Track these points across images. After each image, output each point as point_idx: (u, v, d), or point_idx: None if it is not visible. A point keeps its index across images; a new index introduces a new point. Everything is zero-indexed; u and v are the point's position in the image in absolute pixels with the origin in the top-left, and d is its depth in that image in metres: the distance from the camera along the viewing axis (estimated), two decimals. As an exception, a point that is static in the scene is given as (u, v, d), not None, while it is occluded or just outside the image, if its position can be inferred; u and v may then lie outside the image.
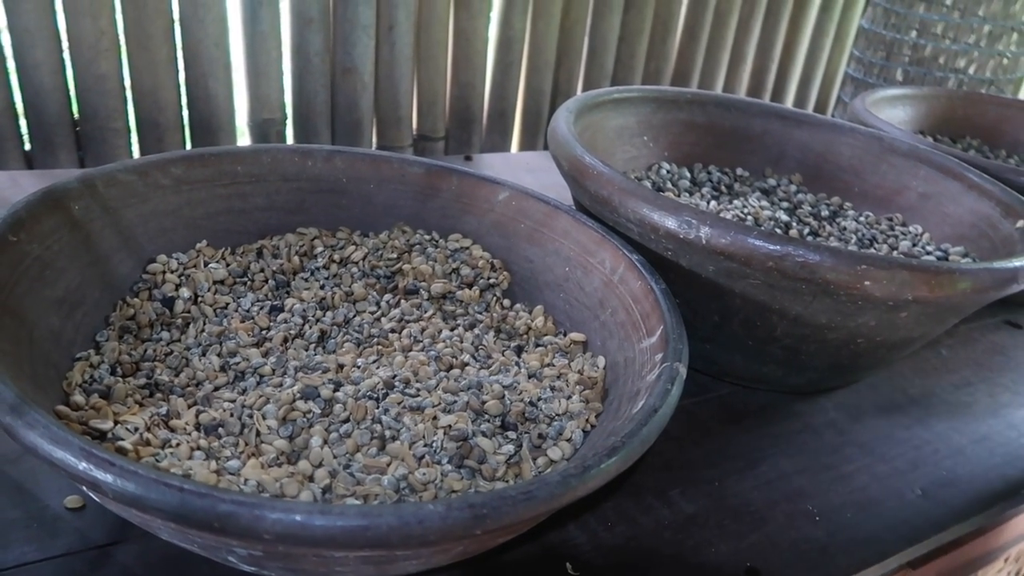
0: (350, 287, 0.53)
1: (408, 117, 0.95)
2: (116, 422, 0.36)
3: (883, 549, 0.45)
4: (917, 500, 0.49)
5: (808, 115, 0.75)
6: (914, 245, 0.64)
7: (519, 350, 0.49)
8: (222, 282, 0.50)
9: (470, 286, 0.54)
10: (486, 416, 0.41)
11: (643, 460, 0.49)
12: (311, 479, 0.36)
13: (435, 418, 0.40)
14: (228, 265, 0.52)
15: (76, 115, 0.80)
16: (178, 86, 0.83)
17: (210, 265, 0.51)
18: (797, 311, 0.48)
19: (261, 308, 0.49)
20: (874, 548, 0.45)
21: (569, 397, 0.44)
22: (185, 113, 0.85)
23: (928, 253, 0.63)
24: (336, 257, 0.55)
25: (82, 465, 0.27)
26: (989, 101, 0.93)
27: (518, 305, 0.54)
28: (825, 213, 0.70)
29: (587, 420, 0.42)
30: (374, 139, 0.95)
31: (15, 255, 0.39)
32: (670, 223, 0.47)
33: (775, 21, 1.21)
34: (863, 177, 0.71)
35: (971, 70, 1.03)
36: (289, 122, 0.91)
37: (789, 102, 1.32)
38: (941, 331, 0.54)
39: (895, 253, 0.63)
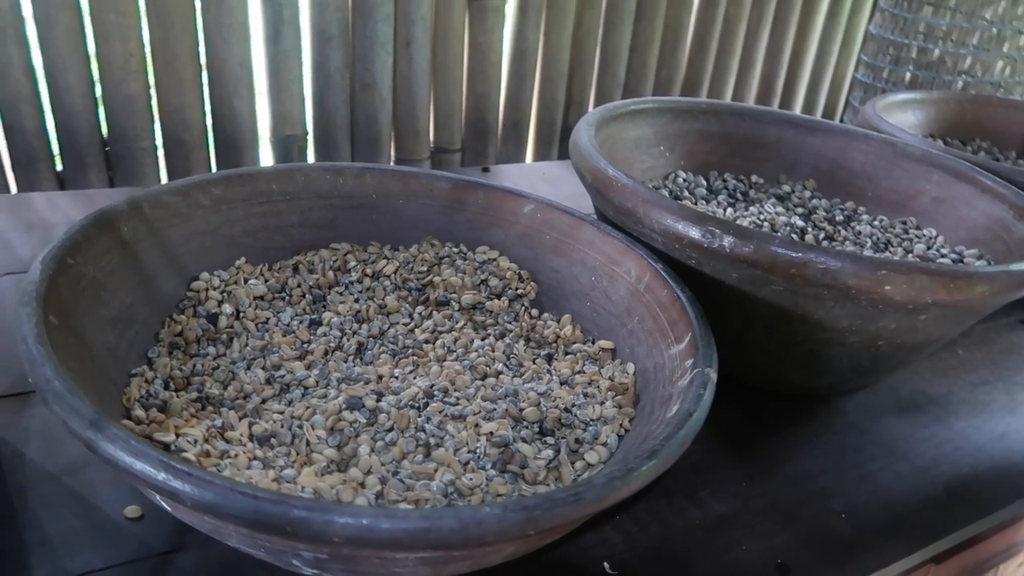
0: (383, 300, 0.55)
1: (425, 130, 0.97)
2: (177, 435, 0.38)
3: (909, 545, 0.47)
4: (940, 497, 0.51)
5: (821, 122, 0.76)
6: (929, 248, 0.66)
7: (549, 358, 0.51)
8: (262, 298, 0.52)
9: (499, 296, 0.56)
10: (525, 423, 0.43)
11: (673, 463, 0.51)
12: (363, 486, 0.37)
13: (477, 425, 0.41)
14: (267, 281, 0.54)
15: (105, 135, 0.82)
16: (203, 104, 0.85)
17: (250, 281, 0.53)
18: (819, 316, 0.50)
19: (300, 322, 0.51)
20: (900, 544, 0.46)
21: (602, 403, 0.45)
22: (210, 131, 0.87)
23: (943, 256, 0.64)
24: (368, 271, 0.56)
25: (161, 475, 0.29)
26: (998, 104, 0.94)
27: (546, 314, 0.55)
28: (840, 218, 0.71)
29: (621, 425, 0.44)
30: (392, 152, 0.97)
31: (74, 277, 0.41)
32: (694, 233, 0.49)
33: (783, 28, 1.23)
34: (876, 182, 0.73)
35: (979, 73, 1.05)
36: (310, 137, 0.93)
37: (798, 107, 1.33)
38: (959, 332, 0.56)
39: (910, 256, 0.65)
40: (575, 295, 0.55)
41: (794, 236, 0.66)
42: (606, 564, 0.42)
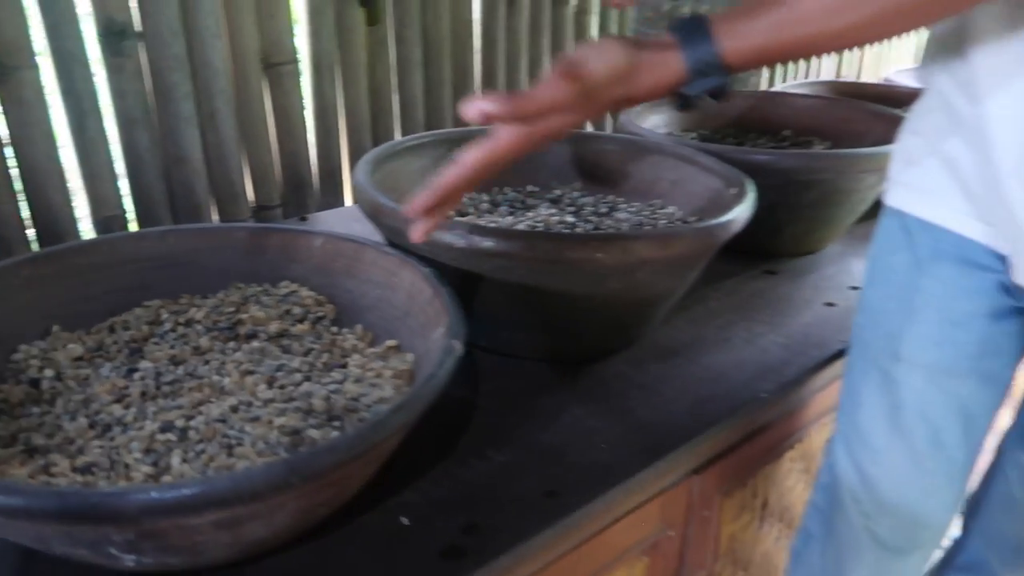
0: (197, 342, 0.61)
1: (243, 192, 1.04)
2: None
3: (654, 455, 0.58)
4: (683, 418, 0.62)
5: (577, 132, 0.89)
6: (670, 223, 0.79)
7: (345, 364, 0.59)
8: (81, 358, 0.58)
9: (302, 321, 0.64)
10: (314, 414, 0.51)
11: (464, 431, 0.60)
12: (174, 486, 0.44)
13: (270, 422, 0.49)
14: (85, 344, 0.60)
15: (-79, 244, 0.85)
16: (17, 202, 0.89)
17: (68, 346, 0.59)
18: (559, 288, 0.61)
19: (119, 373, 0.57)
20: (647, 457, 0.57)
21: (383, 388, 0.54)
22: (30, 225, 0.91)
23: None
24: (181, 320, 0.63)
25: (-25, 493, 0.35)
26: (736, 96, 1.11)
27: (345, 329, 0.64)
28: (603, 210, 0.84)
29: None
30: (216, 217, 1.04)
31: None
32: (447, 237, 0.59)
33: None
34: (627, 175, 0.86)
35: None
36: (132, 215, 0.98)
37: (588, 125, 1.48)
38: (684, 283, 0.68)
39: (655, 231, 0.77)
40: (366, 308, 0.64)
41: (566, 231, 0.77)
42: (403, 518, 0.51)
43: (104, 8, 0.87)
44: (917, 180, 0.55)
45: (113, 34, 0.90)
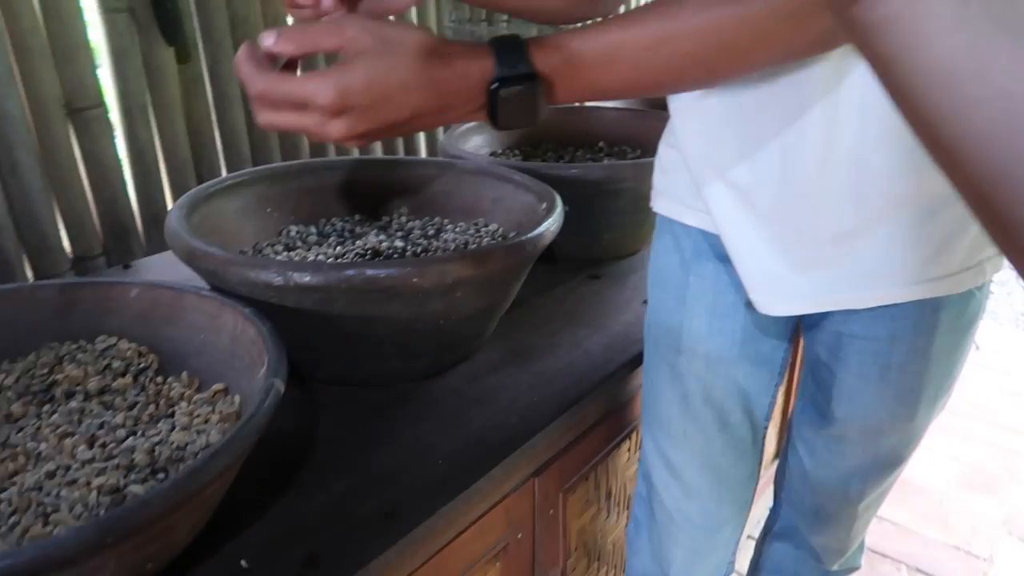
0: (8, 410, 0.59)
1: (58, 244, 0.99)
2: None
3: (491, 464, 0.60)
4: (516, 423, 0.65)
5: (399, 158, 0.91)
6: (493, 239, 0.82)
7: (173, 414, 0.59)
8: None
9: (124, 375, 0.62)
10: (137, 469, 0.50)
11: (303, 464, 0.61)
12: (-16, 565, 0.43)
13: (88, 483, 0.48)
14: None
15: None
16: None
17: None
18: (384, 314, 0.62)
19: (-82, 452, 0.54)
20: (481, 468, 0.60)
21: (209, 434, 0.54)
22: None
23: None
24: (-12, 388, 0.60)
25: None
26: (553, 111, 1.17)
27: (170, 378, 0.63)
28: (431, 232, 0.86)
29: (227, 446, 0.52)
30: (29, 273, 0.98)
31: None
32: (264, 276, 0.59)
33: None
34: (451, 197, 0.89)
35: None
36: (-71, 279, 0.91)
37: (423, 151, 1.50)
38: (506, 297, 0.71)
39: (480, 249, 0.80)
40: (191, 354, 0.63)
41: (396, 256, 0.79)
42: (243, 561, 0.51)
43: None
44: (671, 188, 0.61)
45: None
